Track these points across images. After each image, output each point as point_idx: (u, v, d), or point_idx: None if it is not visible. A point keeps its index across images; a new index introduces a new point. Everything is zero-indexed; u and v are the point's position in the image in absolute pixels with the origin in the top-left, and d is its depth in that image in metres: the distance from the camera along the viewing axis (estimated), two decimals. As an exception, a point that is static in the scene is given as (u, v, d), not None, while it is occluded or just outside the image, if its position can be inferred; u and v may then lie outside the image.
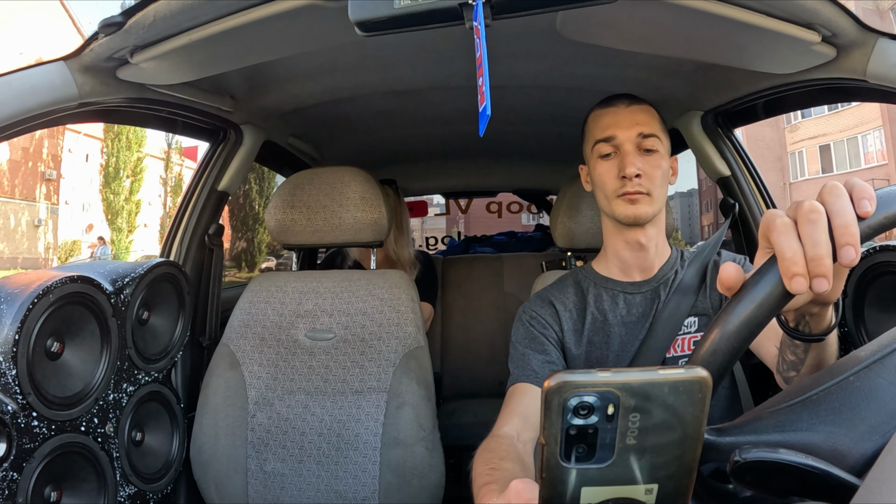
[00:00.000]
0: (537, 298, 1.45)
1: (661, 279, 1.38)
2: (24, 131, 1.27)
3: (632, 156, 1.30)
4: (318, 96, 2.06)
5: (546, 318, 1.39)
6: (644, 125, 1.33)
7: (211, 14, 1.23)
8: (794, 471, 0.60)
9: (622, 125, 1.33)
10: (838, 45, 1.26)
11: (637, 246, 1.37)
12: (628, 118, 1.34)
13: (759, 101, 1.73)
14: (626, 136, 1.32)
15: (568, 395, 0.54)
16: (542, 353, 1.34)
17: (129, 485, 1.53)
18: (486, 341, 3.16)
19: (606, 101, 1.40)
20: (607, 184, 1.34)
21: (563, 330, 1.38)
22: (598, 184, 1.37)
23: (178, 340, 1.77)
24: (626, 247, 1.38)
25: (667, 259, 1.41)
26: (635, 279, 1.40)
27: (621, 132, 1.33)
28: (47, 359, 1.33)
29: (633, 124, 1.33)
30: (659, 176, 1.32)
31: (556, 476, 0.57)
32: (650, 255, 1.38)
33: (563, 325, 1.38)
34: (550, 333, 1.38)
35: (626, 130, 1.32)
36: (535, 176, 3.54)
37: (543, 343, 1.36)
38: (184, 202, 2.00)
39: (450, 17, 0.97)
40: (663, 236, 1.41)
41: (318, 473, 1.65)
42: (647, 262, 1.39)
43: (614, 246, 1.41)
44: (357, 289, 1.78)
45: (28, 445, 1.25)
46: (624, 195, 1.31)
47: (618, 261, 1.41)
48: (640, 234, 1.35)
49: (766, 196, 1.97)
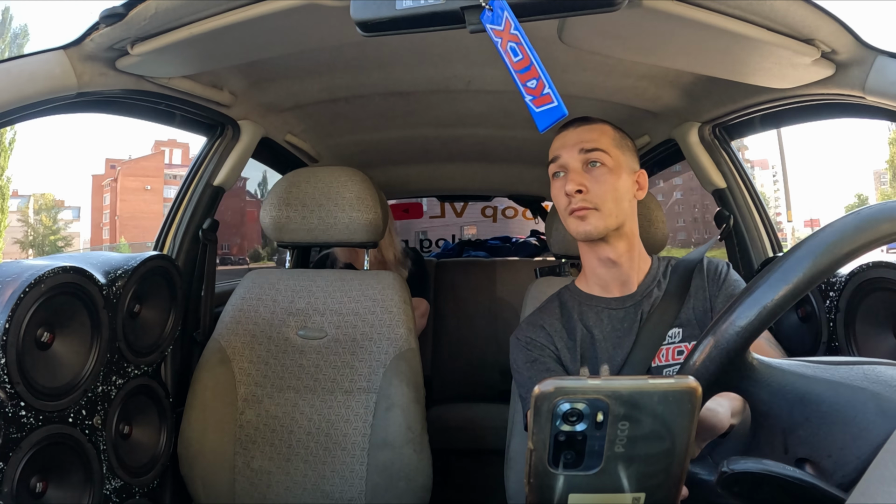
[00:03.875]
0: (527, 325, 1.46)
1: (643, 293, 1.39)
2: (21, 119, 1.26)
3: (573, 173, 1.34)
4: (316, 94, 2.06)
5: (540, 340, 1.40)
6: (588, 142, 1.36)
7: (212, 8, 1.23)
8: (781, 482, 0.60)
9: (567, 145, 1.38)
10: (837, 62, 1.27)
11: (608, 262, 1.39)
12: (574, 138, 1.38)
13: (756, 115, 1.74)
14: (569, 154, 1.37)
15: (557, 401, 0.54)
16: (547, 371, 1.36)
17: (115, 478, 1.52)
18: (478, 345, 3.16)
19: (562, 126, 1.43)
20: (559, 203, 1.38)
21: (558, 348, 1.39)
22: (555, 204, 1.42)
23: (168, 334, 1.76)
24: (599, 264, 1.41)
25: (648, 271, 1.42)
26: (616, 295, 1.41)
27: (565, 152, 1.37)
28: (37, 349, 1.33)
29: (577, 142, 1.36)
30: (606, 190, 1.33)
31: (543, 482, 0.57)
32: (625, 270, 1.39)
33: (557, 343, 1.39)
34: (548, 353, 1.39)
35: (570, 149, 1.37)
36: (531, 181, 3.54)
37: (545, 363, 1.37)
38: (179, 196, 1.99)
39: (451, 21, 0.97)
40: (638, 250, 1.42)
41: (306, 472, 1.65)
42: (623, 276, 1.40)
43: (590, 264, 1.43)
44: (350, 289, 1.78)
45: (15, 435, 1.24)
46: (572, 212, 1.34)
47: (596, 278, 1.43)
48: (609, 250, 1.37)
49: (761, 210, 1.98)
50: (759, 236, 1.95)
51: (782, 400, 0.68)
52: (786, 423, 0.68)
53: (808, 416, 0.67)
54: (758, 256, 1.93)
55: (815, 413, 0.66)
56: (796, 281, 0.64)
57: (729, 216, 1.98)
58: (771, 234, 1.96)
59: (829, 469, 0.64)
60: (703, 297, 1.36)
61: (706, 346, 0.67)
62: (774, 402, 0.68)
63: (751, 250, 1.95)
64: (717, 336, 0.67)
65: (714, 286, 1.37)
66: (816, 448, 0.66)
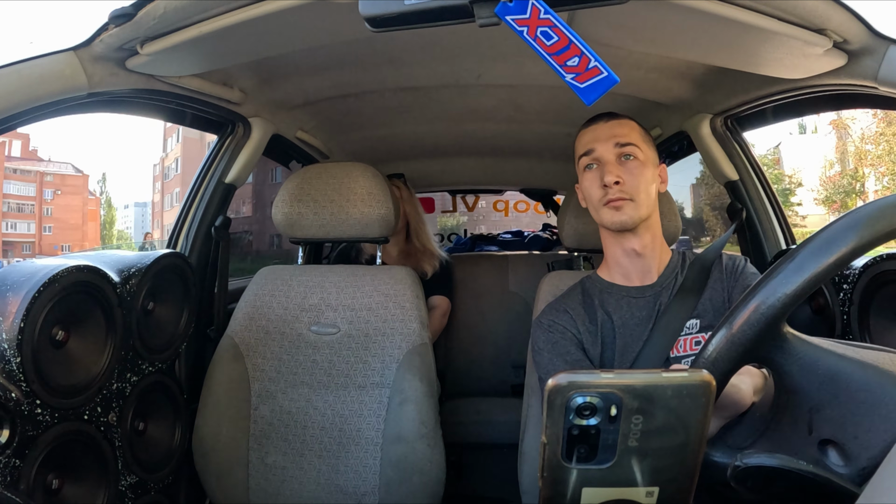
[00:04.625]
0: (550, 308, 1.49)
1: (662, 283, 1.42)
2: (33, 120, 1.27)
3: (610, 165, 1.38)
4: (326, 91, 2.06)
5: (563, 322, 1.43)
6: (621, 136, 1.41)
7: (221, 6, 1.24)
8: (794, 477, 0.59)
9: (601, 139, 1.42)
10: (849, 52, 1.26)
11: (633, 253, 1.43)
12: (606, 132, 1.43)
13: (768, 106, 1.73)
14: (604, 147, 1.41)
15: (571, 395, 0.54)
16: (568, 353, 1.39)
17: (130, 474, 1.53)
18: (490, 339, 3.16)
19: (589, 120, 1.50)
20: (593, 194, 1.42)
21: (579, 332, 1.42)
22: (586, 196, 1.45)
23: (182, 331, 1.77)
24: (623, 254, 1.44)
25: (668, 263, 1.45)
26: (637, 284, 1.44)
27: (599, 145, 1.42)
28: (52, 347, 1.34)
29: (611, 136, 1.42)
30: (640, 182, 1.38)
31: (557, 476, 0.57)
32: (648, 260, 1.43)
33: (580, 327, 1.42)
34: (570, 336, 1.41)
35: (605, 143, 1.42)
36: (542, 175, 3.53)
37: (567, 345, 1.40)
38: (191, 194, 2.00)
39: (460, 15, 0.97)
40: (660, 241, 1.46)
41: (319, 467, 1.65)
42: (646, 267, 1.44)
43: (613, 254, 1.47)
44: (362, 284, 1.78)
45: (31, 433, 1.25)
46: (608, 203, 1.38)
47: (619, 267, 1.47)
48: (635, 241, 1.41)
49: (773, 202, 1.97)
50: (772, 228, 1.94)
51: (812, 375, 0.67)
52: (813, 401, 0.67)
53: (837, 395, 0.66)
54: (771, 249, 1.92)
55: (845, 392, 0.66)
56: (841, 252, 0.63)
57: (741, 209, 1.97)
58: (784, 226, 1.95)
59: (854, 452, 0.63)
60: (720, 289, 1.39)
61: (747, 311, 0.67)
62: (804, 378, 0.68)
63: (764, 243, 1.94)
64: (758, 300, 0.66)
65: (731, 279, 1.39)
66: (842, 429, 0.65)
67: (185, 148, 43.92)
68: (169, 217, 46.15)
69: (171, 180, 46.24)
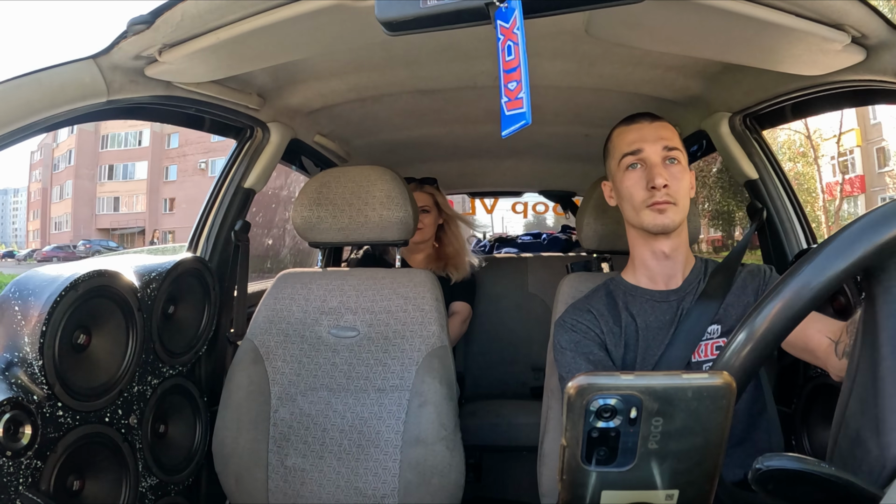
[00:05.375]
0: (573, 308, 1.49)
1: (686, 289, 1.42)
2: (53, 128, 1.29)
3: (658, 167, 1.37)
4: (344, 95, 2.07)
5: (586, 322, 1.43)
6: (668, 140, 1.41)
7: (239, 13, 1.24)
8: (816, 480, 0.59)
9: (648, 139, 1.40)
10: (868, 47, 1.24)
11: (662, 256, 1.42)
12: (653, 133, 1.41)
13: (787, 104, 1.72)
14: (652, 149, 1.39)
15: (591, 397, 0.54)
16: (591, 353, 1.39)
17: (151, 476, 1.55)
18: (510, 341, 3.15)
19: (630, 118, 1.48)
20: (635, 195, 1.39)
21: (603, 332, 1.42)
22: (625, 196, 1.42)
23: (202, 335, 1.78)
24: (652, 256, 1.44)
25: (692, 269, 1.45)
26: (662, 288, 1.44)
27: (647, 146, 1.40)
28: (73, 350, 1.36)
29: (658, 138, 1.40)
30: (683, 187, 1.38)
31: (576, 479, 0.57)
32: (675, 264, 1.43)
33: (603, 327, 1.42)
34: (593, 336, 1.42)
35: (652, 144, 1.40)
36: (561, 177, 3.53)
37: (590, 345, 1.40)
38: (211, 198, 2.01)
39: (477, 17, 0.97)
40: (687, 246, 1.46)
41: (339, 470, 1.66)
42: (672, 270, 1.43)
43: (641, 256, 1.46)
44: (381, 287, 1.78)
45: (52, 435, 1.27)
46: (653, 205, 1.36)
47: (645, 270, 1.46)
48: (665, 243, 1.41)
49: (794, 201, 1.95)
50: (792, 228, 1.92)
51: None
52: None
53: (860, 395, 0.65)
54: (791, 248, 1.90)
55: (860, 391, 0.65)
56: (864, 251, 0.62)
57: (762, 208, 1.95)
58: (805, 225, 1.93)
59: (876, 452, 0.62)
60: (742, 295, 1.39)
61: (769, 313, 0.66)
62: None
63: (784, 242, 1.92)
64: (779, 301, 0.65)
65: (761, 282, 1.41)
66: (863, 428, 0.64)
67: (79, 140, 43.37)
68: (58, 209, 45.77)
69: (62, 171, 45.45)
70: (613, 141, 1.48)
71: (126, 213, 44.95)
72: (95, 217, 45.33)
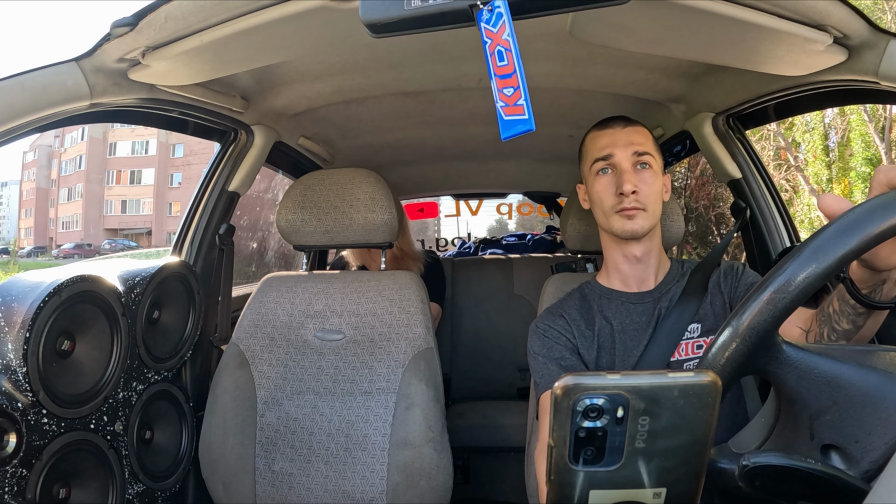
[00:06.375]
0: (547, 313, 1.49)
1: (661, 290, 1.43)
2: (36, 131, 1.27)
3: (628, 173, 1.37)
4: (328, 97, 2.07)
5: (558, 327, 1.43)
6: (639, 145, 1.40)
7: (223, 15, 1.24)
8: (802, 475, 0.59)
9: (619, 144, 1.41)
10: (850, 47, 1.26)
11: (634, 259, 1.43)
12: (624, 138, 1.41)
13: (770, 104, 1.73)
14: (622, 154, 1.40)
15: (577, 397, 0.54)
16: (563, 359, 1.39)
17: (137, 483, 1.53)
18: (496, 343, 3.16)
19: (603, 122, 1.47)
20: (605, 200, 1.40)
21: (575, 336, 1.42)
22: (595, 200, 1.44)
23: (188, 339, 1.77)
24: (624, 260, 1.44)
25: (668, 271, 1.47)
26: (635, 290, 1.45)
27: (618, 151, 1.40)
28: (58, 357, 1.34)
29: (629, 143, 1.40)
30: (654, 192, 1.39)
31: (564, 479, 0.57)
32: (647, 267, 1.44)
33: (575, 332, 1.42)
34: (565, 341, 1.42)
35: (623, 149, 1.40)
36: (545, 178, 3.54)
37: (562, 350, 1.40)
38: (195, 202, 2.00)
39: (460, 19, 0.97)
40: (659, 249, 1.47)
41: (327, 473, 1.65)
42: (644, 274, 1.44)
43: (613, 259, 1.47)
44: (367, 289, 1.78)
45: (38, 442, 1.26)
46: (622, 211, 1.37)
47: (618, 273, 1.47)
48: (637, 247, 1.42)
49: (777, 200, 1.97)
50: (776, 226, 1.94)
51: (810, 383, 0.67)
52: (813, 409, 0.67)
53: (836, 401, 0.66)
54: (775, 247, 1.92)
55: (843, 397, 0.65)
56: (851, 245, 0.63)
57: (745, 207, 1.96)
58: (788, 224, 1.95)
59: (857, 455, 0.63)
60: (719, 293, 1.40)
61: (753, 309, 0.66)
62: (802, 386, 0.67)
63: (768, 241, 1.94)
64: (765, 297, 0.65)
65: (734, 280, 1.41)
66: (843, 433, 0.65)
67: (89, 146, 45.88)
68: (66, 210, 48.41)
69: (72, 175, 47.66)
70: (586, 145, 1.48)
71: (133, 215, 47.42)
72: (103, 218, 47.66)
